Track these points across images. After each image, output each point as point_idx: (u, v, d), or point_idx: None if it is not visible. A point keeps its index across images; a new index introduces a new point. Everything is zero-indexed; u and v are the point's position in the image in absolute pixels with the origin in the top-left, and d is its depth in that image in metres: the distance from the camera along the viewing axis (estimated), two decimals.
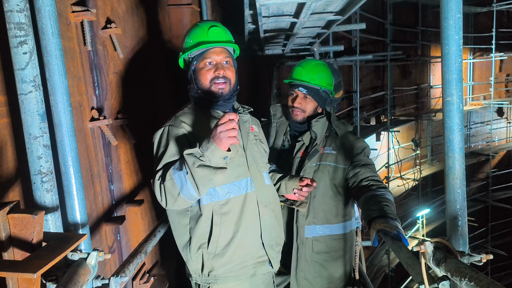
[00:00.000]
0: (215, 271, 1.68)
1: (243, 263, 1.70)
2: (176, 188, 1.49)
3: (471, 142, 13.22)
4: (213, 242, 1.65)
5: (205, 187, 1.50)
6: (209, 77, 1.70)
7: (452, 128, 1.23)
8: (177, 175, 1.48)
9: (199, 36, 1.71)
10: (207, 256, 1.67)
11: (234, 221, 1.67)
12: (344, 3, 2.69)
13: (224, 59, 1.72)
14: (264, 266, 1.76)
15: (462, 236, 1.26)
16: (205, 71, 1.71)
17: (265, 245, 1.74)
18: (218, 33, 1.72)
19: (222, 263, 1.67)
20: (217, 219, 1.65)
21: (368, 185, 1.96)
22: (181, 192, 1.49)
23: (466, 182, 1.29)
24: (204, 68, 1.71)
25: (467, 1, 11.20)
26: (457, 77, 1.21)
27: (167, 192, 1.51)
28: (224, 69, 1.71)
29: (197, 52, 1.72)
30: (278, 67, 7.94)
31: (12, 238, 0.89)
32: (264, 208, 1.74)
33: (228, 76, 1.72)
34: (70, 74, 1.66)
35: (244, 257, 1.70)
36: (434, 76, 12.28)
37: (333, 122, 2.18)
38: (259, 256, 1.74)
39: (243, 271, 1.71)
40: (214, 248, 1.66)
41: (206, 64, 1.71)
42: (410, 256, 1.40)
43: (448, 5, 1.16)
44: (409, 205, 11.53)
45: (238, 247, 1.68)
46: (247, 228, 1.69)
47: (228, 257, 1.67)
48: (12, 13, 1.05)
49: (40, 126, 1.09)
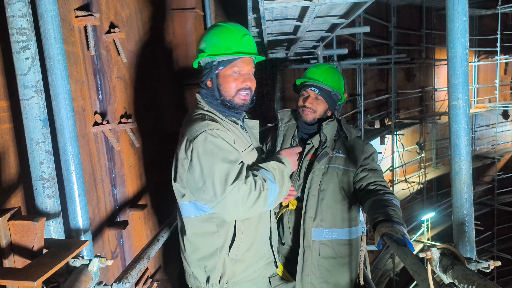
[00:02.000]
0: (235, 278, 1.66)
1: (257, 265, 1.74)
2: (267, 196, 1.55)
3: (477, 145, 13.14)
4: (235, 247, 1.63)
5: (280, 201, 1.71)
6: (235, 86, 1.64)
7: (458, 133, 1.21)
8: (271, 186, 1.56)
9: (233, 42, 1.62)
10: (228, 263, 1.64)
11: (253, 226, 1.69)
12: (348, 6, 2.68)
13: (251, 70, 1.69)
14: (271, 267, 1.83)
15: (469, 242, 1.24)
16: (232, 79, 1.64)
17: (273, 246, 1.81)
18: (251, 43, 1.68)
19: (242, 268, 1.68)
20: (239, 224, 1.64)
21: (375, 189, 1.95)
22: (269, 199, 1.57)
23: None
24: (232, 76, 1.64)
25: (472, 3, 11.15)
26: (463, 80, 1.19)
27: (262, 196, 1.52)
28: (250, 80, 1.68)
29: (226, 58, 1.62)
30: (282, 71, 7.93)
31: (13, 245, 0.88)
32: (272, 211, 1.82)
33: (252, 87, 1.70)
34: (74, 78, 1.66)
35: (258, 260, 1.74)
36: (439, 79, 12.23)
37: (343, 125, 2.18)
38: (268, 257, 1.80)
39: (257, 274, 1.74)
40: (235, 253, 1.64)
41: (235, 72, 1.64)
42: (416, 262, 1.37)
43: (454, 8, 1.15)
44: (414, 209, 11.45)
45: (255, 252, 1.71)
46: (263, 232, 1.74)
47: (248, 262, 1.68)
48: (15, 18, 1.04)
49: (42, 132, 1.09)
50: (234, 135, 1.63)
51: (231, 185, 1.45)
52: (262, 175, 1.58)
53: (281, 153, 1.76)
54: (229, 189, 1.45)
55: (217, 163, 1.47)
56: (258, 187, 1.50)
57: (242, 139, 1.70)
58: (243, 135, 1.74)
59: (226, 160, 1.49)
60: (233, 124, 1.70)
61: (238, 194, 1.46)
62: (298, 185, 2.16)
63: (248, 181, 1.48)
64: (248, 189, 1.47)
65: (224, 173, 1.46)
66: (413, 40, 11.19)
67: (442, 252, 1.22)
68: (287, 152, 1.75)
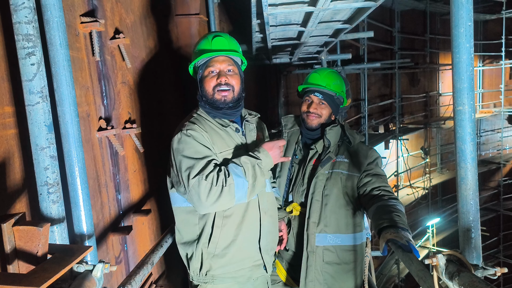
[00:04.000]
0: (212, 271, 1.75)
1: (241, 265, 1.77)
2: (233, 190, 1.60)
3: (482, 150, 13.06)
4: (213, 242, 1.72)
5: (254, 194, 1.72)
6: (212, 85, 1.75)
7: (464, 138, 1.20)
8: (237, 180, 1.61)
9: (204, 45, 1.78)
10: (206, 256, 1.74)
11: (235, 225, 1.74)
12: (352, 12, 2.69)
13: (227, 67, 1.77)
14: (259, 270, 1.84)
15: (475, 248, 1.23)
16: (208, 79, 1.76)
17: (262, 249, 1.81)
18: (221, 42, 1.77)
19: (221, 264, 1.74)
20: (218, 221, 1.72)
21: (379, 194, 1.93)
22: (236, 194, 1.62)
23: None
24: (208, 76, 1.76)
25: (476, 8, 11.13)
26: (468, 85, 1.18)
27: (225, 191, 1.58)
28: (227, 77, 1.75)
29: (202, 61, 1.78)
30: (286, 76, 7.95)
31: (17, 250, 0.88)
32: (264, 215, 1.82)
33: (231, 83, 1.76)
34: (78, 84, 1.67)
35: (242, 260, 1.77)
36: (443, 84, 12.19)
37: (346, 130, 2.18)
38: (256, 259, 1.81)
39: (240, 273, 1.78)
40: (214, 248, 1.72)
41: (210, 72, 1.76)
42: (422, 269, 1.36)
43: (458, 13, 1.14)
44: (419, 214, 11.38)
45: (237, 250, 1.75)
46: (248, 232, 1.77)
47: (227, 259, 1.74)
48: (21, 25, 1.05)
49: (47, 137, 1.09)
50: (215, 136, 1.73)
51: (192, 179, 1.57)
52: (228, 170, 1.63)
53: (261, 146, 1.75)
54: (191, 183, 1.57)
55: (184, 159, 1.62)
56: (220, 182, 1.57)
57: (226, 140, 1.76)
58: (231, 136, 1.79)
59: (192, 156, 1.62)
60: (219, 127, 1.78)
61: (199, 188, 1.56)
62: (302, 190, 2.15)
63: (209, 176, 1.57)
64: (209, 183, 1.56)
65: (188, 168, 1.59)
66: (417, 45, 11.18)
67: (448, 258, 1.20)
68: (268, 146, 1.74)
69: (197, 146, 1.65)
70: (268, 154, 1.72)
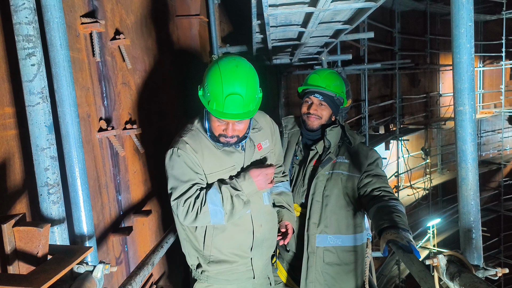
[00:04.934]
0: (208, 273, 1.87)
1: (235, 270, 1.86)
2: (208, 217, 1.68)
3: (482, 151, 13.05)
4: (207, 250, 1.81)
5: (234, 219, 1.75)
6: (218, 130, 1.68)
7: (464, 138, 1.20)
8: (213, 208, 1.66)
9: (216, 99, 1.58)
10: (202, 260, 1.85)
11: (227, 237, 1.80)
12: (352, 12, 2.69)
13: (235, 122, 1.65)
14: (250, 274, 1.91)
15: (476, 249, 1.23)
16: (216, 125, 1.67)
17: (253, 258, 1.87)
18: (237, 104, 1.58)
19: (215, 268, 1.84)
20: (210, 230, 1.80)
21: (380, 195, 1.93)
22: (212, 220, 1.69)
23: None
24: (216, 122, 1.66)
25: (477, 9, 11.13)
26: (469, 86, 1.18)
27: (200, 216, 1.66)
28: (235, 129, 1.66)
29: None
30: (286, 76, 7.95)
31: (18, 251, 0.88)
32: (259, 227, 1.85)
33: (239, 133, 1.69)
34: (79, 85, 1.67)
35: (237, 266, 1.86)
36: (444, 84, 12.18)
37: (347, 131, 2.17)
38: (248, 266, 1.89)
39: (234, 276, 1.88)
40: (208, 255, 1.82)
41: (218, 119, 1.64)
42: (423, 270, 1.36)
43: (459, 13, 1.14)
44: (420, 215, 11.36)
45: (230, 258, 1.83)
46: (241, 243, 1.83)
47: (221, 265, 1.83)
48: (21, 25, 1.05)
49: (47, 138, 1.09)
50: (209, 156, 1.74)
51: (172, 201, 1.69)
52: (206, 198, 1.66)
53: (248, 172, 1.72)
54: (172, 204, 1.70)
55: (171, 178, 1.72)
56: (195, 208, 1.66)
57: (221, 159, 1.75)
58: (228, 155, 1.76)
59: (177, 179, 1.70)
60: (215, 146, 1.75)
61: (178, 210, 1.69)
62: (302, 191, 2.15)
63: (186, 202, 1.66)
64: (185, 208, 1.66)
65: (172, 189, 1.71)
66: (417, 46, 11.17)
67: (449, 259, 1.20)
68: (255, 173, 1.71)
69: (184, 168, 1.70)
70: (252, 182, 1.70)
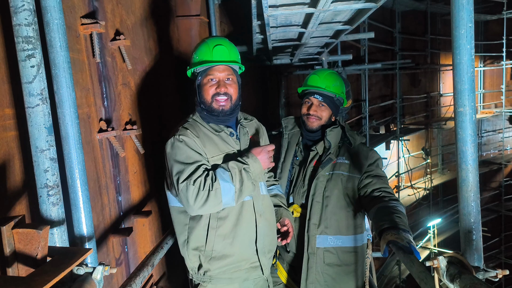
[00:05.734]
0: (210, 272, 1.78)
1: (237, 267, 1.80)
2: (220, 195, 1.64)
3: (483, 151, 13.04)
4: (209, 244, 1.75)
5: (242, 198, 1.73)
6: (211, 93, 1.78)
7: (464, 140, 1.20)
8: (224, 185, 1.64)
9: (204, 54, 1.79)
10: (204, 258, 1.77)
11: (230, 227, 1.76)
12: (352, 13, 2.69)
13: (226, 76, 1.79)
14: (256, 272, 1.86)
15: (476, 250, 1.22)
16: (207, 87, 1.79)
17: (259, 251, 1.82)
18: (223, 52, 1.79)
19: (218, 265, 1.77)
20: (213, 223, 1.74)
21: (380, 196, 1.93)
22: (223, 198, 1.65)
23: None
24: (207, 84, 1.79)
25: (477, 9, 11.12)
26: (469, 87, 1.18)
27: (211, 195, 1.62)
28: (226, 86, 1.78)
29: (201, 68, 1.80)
30: (286, 77, 7.95)
31: (17, 253, 0.88)
32: (260, 217, 1.83)
33: (230, 92, 1.79)
34: (79, 86, 1.67)
35: (239, 262, 1.79)
36: (444, 84, 12.17)
37: (347, 132, 2.17)
38: (252, 261, 1.83)
39: (236, 274, 1.80)
40: (210, 251, 1.75)
41: (209, 80, 1.78)
42: (423, 271, 1.36)
43: (459, 14, 1.14)
44: (420, 215, 11.36)
45: (234, 252, 1.77)
46: (243, 234, 1.79)
47: (224, 261, 1.76)
48: (21, 27, 1.05)
49: (47, 139, 1.09)
50: (208, 141, 1.77)
51: (181, 183, 1.62)
52: (215, 175, 1.67)
53: (250, 151, 1.78)
54: (180, 187, 1.62)
55: (176, 164, 1.67)
56: (206, 186, 1.62)
57: (219, 145, 1.79)
58: (225, 141, 1.81)
59: (182, 161, 1.67)
60: (213, 132, 1.81)
61: (187, 193, 1.61)
62: (303, 191, 2.15)
63: (197, 181, 1.61)
64: (196, 188, 1.60)
65: (178, 173, 1.65)
66: (418, 46, 11.17)
67: (449, 260, 1.20)
68: (257, 150, 1.77)
69: (188, 152, 1.69)
70: (256, 159, 1.74)
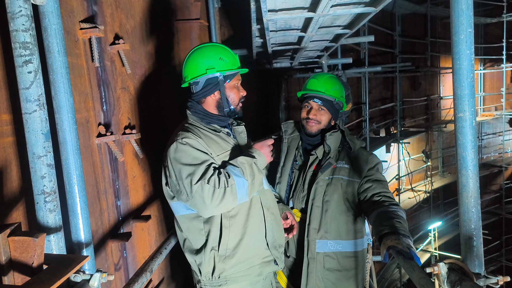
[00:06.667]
0: (225, 272, 1.76)
1: (250, 263, 1.80)
2: (235, 190, 1.65)
3: (483, 154, 13.01)
4: (223, 244, 1.74)
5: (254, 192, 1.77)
6: (239, 96, 1.88)
7: (465, 145, 1.19)
8: (238, 180, 1.66)
9: (233, 59, 1.87)
10: (218, 259, 1.75)
11: (241, 224, 1.77)
12: (352, 17, 2.68)
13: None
14: (270, 266, 1.87)
15: (477, 257, 1.21)
16: (236, 90, 1.87)
17: (270, 246, 1.85)
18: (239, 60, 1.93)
19: (231, 264, 1.76)
20: (225, 222, 1.74)
21: (380, 200, 1.92)
22: (238, 194, 1.66)
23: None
24: (235, 87, 1.86)
25: (477, 12, 11.14)
26: (469, 92, 1.17)
27: (227, 192, 1.62)
28: (244, 90, 1.92)
29: (231, 72, 1.84)
30: (287, 80, 7.95)
31: (13, 261, 0.87)
32: (267, 211, 1.86)
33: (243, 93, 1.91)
34: (78, 90, 1.66)
35: (251, 258, 1.80)
36: (444, 87, 12.17)
37: (347, 136, 2.16)
38: (265, 256, 1.84)
39: (250, 271, 1.81)
40: (224, 250, 1.74)
41: (236, 84, 1.87)
42: (423, 277, 1.34)
43: (459, 19, 1.13)
44: (421, 218, 11.33)
45: (246, 248, 1.77)
46: (254, 229, 1.80)
47: (237, 258, 1.76)
48: (18, 33, 1.05)
49: (44, 145, 1.08)
50: (210, 141, 1.78)
51: (195, 184, 1.60)
52: (227, 171, 1.69)
53: (252, 147, 1.83)
54: (194, 188, 1.60)
55: (184, 167, 1.65)
56: (222, 183, 1.62)
57: (221, 144, 1.82)
58: (225, 140, 1.85)
59: (191, 163, 1.65)
60: (212, 132, 1.83)
61: (202, 193, 1.59)
62: (302, 196, 2.14)
63: (211, 179, 1.61)
64: (212, 187, 1.60)
65: (189, 175, 1.62)
66: (418, 49, 11.17)
67: (449, 267, 1.19)
68: (258, 145, 1.83)
69: (194, 153, 1.68)
70: (260, 153, 1.80)
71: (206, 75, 1.80)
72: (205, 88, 1.81)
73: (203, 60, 1.81)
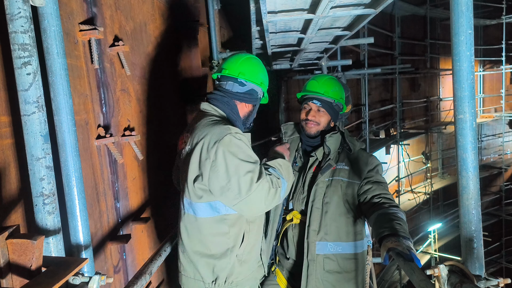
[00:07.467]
0: (240, 277, 1.76)
1: (252, 267, 1.83)
2: (282, 188, 1.70)
3: (483, 155, 13.02)
4: (242, 248, 1.74)
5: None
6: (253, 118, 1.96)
7: (465, 147, 1.19)
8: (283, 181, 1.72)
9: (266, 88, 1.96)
10: (237, 263, 1.74)
11: (256, 228, 1.81)
12: (352, 19, 2.68)
13: None
14: (261, 270, 1.92)
15: (478, 259, 1.21)
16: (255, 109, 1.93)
17: (262, 250, 1.89)
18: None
19: (246, 268, 1.78)
20: (246, 227, 1.76)
21: (380, 202, 1.91)
22: (282, 192, 1.71)
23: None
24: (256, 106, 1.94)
25: (477, 13, 11.15)
26: (469, 94, 1.17)
27: (278, 191, 1.66)
28: None
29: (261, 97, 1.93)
30: (286, 82, 7.95)
31: (11, 264, 0.87)
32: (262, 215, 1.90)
33: None
34: (77, 92, 1.66)
35: (254, 262, 1.85)
36: (444, 89, 12.18)
37: (346, 137, 2.16)
38: (258, 260, 1.89)
39: (252, 275, 1.84)
40: (242, 254, 1.75)
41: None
42: (424, 279, 1.34)
43: (458, 21, 1.13)
44: (421, 219, 11.32)
45: (254, 254, 1.82)
46: (260, 234, 1.85)
47: (250, 263, 1.80)
48: (17, 34, 1.04)
49: (43, 147, 1.08)
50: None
51: (256, 183, 1.57)
52: (275, 173, 1.73)
53: (277, 150, 1.88)
54: (255, 187, 1.57)
55: (242, 163, 1.58)
56: (275, 184, 1.66)
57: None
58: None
59: (249, 161, 1.61)
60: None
61: (262, 192, 1.59)
62: (302, 198, 2.13)
63: (268, 179, 1.64)
64: (269, 186, 1.62)
65: (250, 173, 1.58)
66: (417, 50, 11.19)
67: (450, 269, 1.19)
68: (282, 149, 1.90)
69: (248, 150, 1.64)
70: (282, 155, 1.90)
71: (257, 85, 1.84)
72: (247, 94, 1.83)
73: (261, 73, 1.87)
